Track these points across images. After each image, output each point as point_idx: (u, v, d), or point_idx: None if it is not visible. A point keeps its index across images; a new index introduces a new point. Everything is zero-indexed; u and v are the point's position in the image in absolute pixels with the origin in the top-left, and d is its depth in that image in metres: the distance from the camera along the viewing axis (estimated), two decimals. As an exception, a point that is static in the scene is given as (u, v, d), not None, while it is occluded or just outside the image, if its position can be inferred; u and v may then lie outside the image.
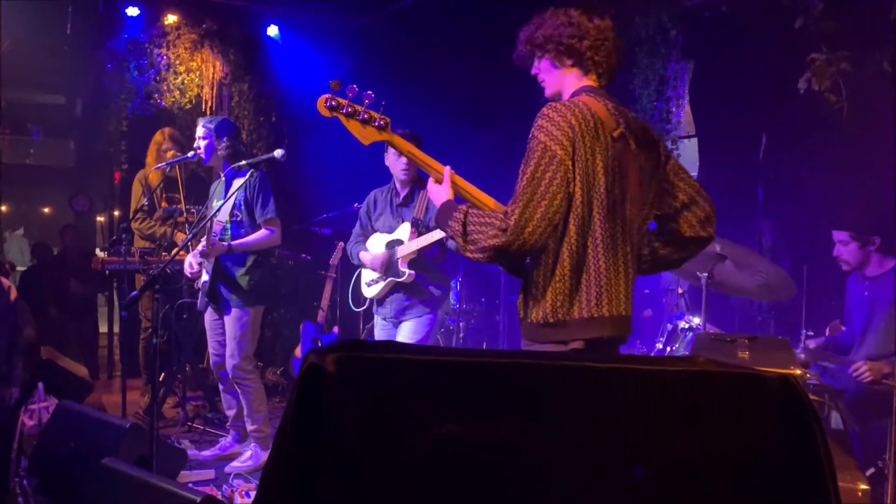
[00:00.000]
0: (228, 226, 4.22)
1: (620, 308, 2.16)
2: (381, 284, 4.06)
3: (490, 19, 5.98)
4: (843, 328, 4.29)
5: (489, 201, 2.33)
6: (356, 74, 7.14)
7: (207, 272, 4.24)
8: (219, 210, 4.21)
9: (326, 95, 2.37)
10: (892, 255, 3.89)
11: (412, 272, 3.95)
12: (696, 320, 4.31)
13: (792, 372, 2.93)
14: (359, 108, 2.37)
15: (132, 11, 6.67)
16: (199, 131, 4.32)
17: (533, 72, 2.39)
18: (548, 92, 2.37)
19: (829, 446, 1.37)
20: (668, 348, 4.45)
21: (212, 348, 4.43)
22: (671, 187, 2.33)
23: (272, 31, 7.15)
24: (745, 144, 5.20)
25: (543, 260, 2.16)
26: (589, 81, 2.29)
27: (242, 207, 4.23)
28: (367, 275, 4.18)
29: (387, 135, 2.40)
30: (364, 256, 4.12)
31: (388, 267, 4.01)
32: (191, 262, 4.31)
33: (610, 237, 2.14)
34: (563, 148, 2.08)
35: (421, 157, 2.42)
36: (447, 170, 2.37)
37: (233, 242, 4.17)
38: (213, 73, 6.94)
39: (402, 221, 4.05)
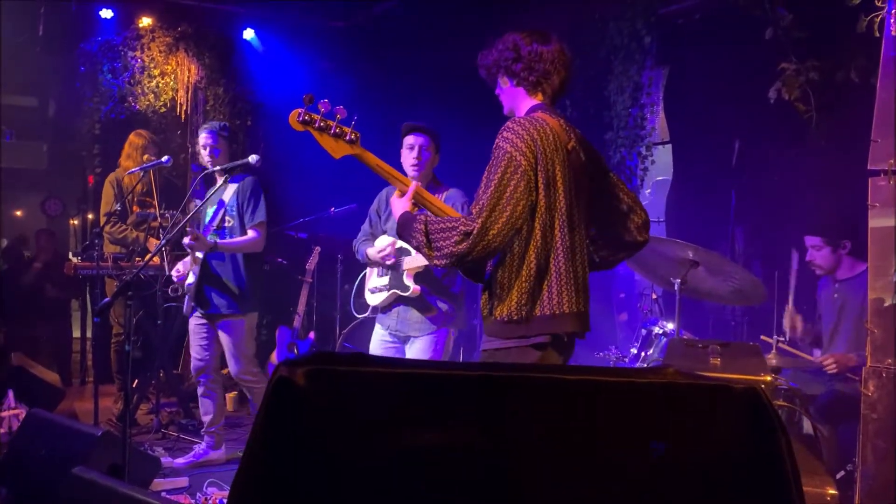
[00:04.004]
0: (218, 230, 4.26)
1: (580, 305, 2.35)
2: (386, 294, 3.83)
3: (466, 23, 6.00)
4: (803, 324, 4.34)
5: (454, 215, 2.45)
6: (331, 78, 7.13)
7: (194, 274, 4.24)
8: (202, 209, 4.27)
9: (299, 110, 2.44)
10: (863, 260, 3.96)
11: (418, 287, 3.71)
12: (670, 325, 4.36)
13: (762, 379, 2.97)
14: (331, 122, 2.45)
15: (106, 13, 6.61)
16: (207, 138, 4.28)
17: (496, 91, 2.59)
18: (504, 109, 2.58)
19: (798, 453, 1.40)
20: (643, 353, 4.49)
21: (195, 352, 4.42)
22: (613, 197, 2.53)
23: (248, 34, 7.12)
24: (718, 150, 5.27)
25: (509, 261, 2.32)
26: (538, 100, 2.49)
27: (234, 212, 4.26)
28: (371, 281, 3.96)
29: (357, 149, 2.50)
30: (371, 252, 3.86)
31: (393, 265, 3.76)
32: (178, 267, 4.34)
33: (569, 240, 2.33)
34: (527, 158, 2.26)
35: (389, 171, 2.53)
36: (413, 184, 2.52)
37: (219, 241, 4.18)
38: (189, 77, 6.89)
39: None
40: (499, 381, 1.37)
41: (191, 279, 4.25)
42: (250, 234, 4.26)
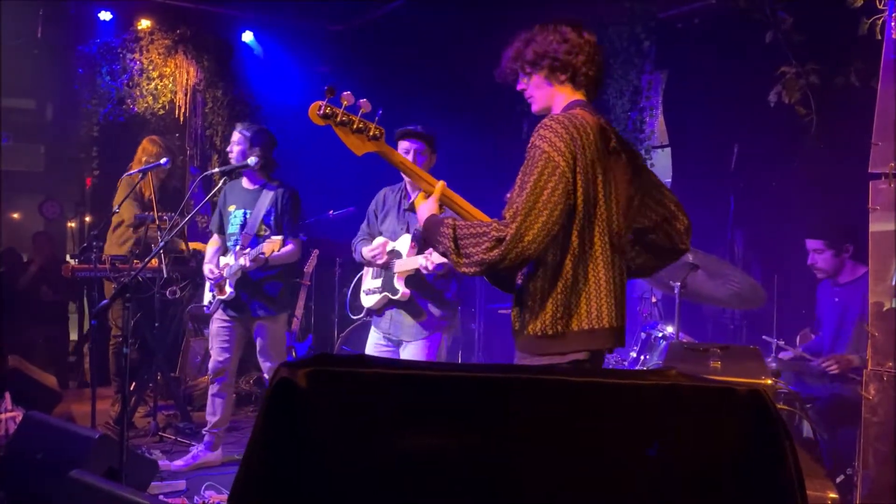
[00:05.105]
0: (258, 237, 4.32)
1: (619, 319, 2.16)
2: (378, 296, 3.81)
3: (464, 28, 6.01)
4: (814, 336, 4.35)
5: (482, 217, 2.29)
6: (330, 82, 7.10)
7: (231, 285, 4.33)
8: (224, 212, 4.40)
9: (320, 103, 2.25)
10: (864, 263, 3.95)
11: (407, 290, 3.68)
12: (670, 329, 4.35)
13: (763, 382, 2.96)
14: (354, 117, 2.27)
15: (104, 16, 6.62)
16: (235, 136, 4.41)
17: (519, 87, 2.36)
18: (536, 107, 2.34)
19: (799, 456, 1.39)
20: (642, 357, 4.48)
21: (216, 354, 4.48)
22: (652, 201, 2.33)
23: (247, 37, 7.12)
24: (717, 154, 5.26)
25: (542, 271, 2.13)
26: (580, 96, 2.27)
27: (272, 222, 4.34)
28: (367, 283, 3.93)
29: (381, 146, 2.32)
30: (366, 252, 3.81)
31: (385, 265, 3.73)
32: (212, 268, 4.40)
33: (609, 248, 2.14)
34: (566, 159, 2.06)
35: (414, 169, 2.39)
36: (440, 184, 2.32)
37: (269, 257, 4.26)
38: (187, 79, 6.89)
39: (406, 230, 3.75)
40: (501, 383, 1.36)
41: (229, 290, 4.34)
42: (288, 246, 4.35)
